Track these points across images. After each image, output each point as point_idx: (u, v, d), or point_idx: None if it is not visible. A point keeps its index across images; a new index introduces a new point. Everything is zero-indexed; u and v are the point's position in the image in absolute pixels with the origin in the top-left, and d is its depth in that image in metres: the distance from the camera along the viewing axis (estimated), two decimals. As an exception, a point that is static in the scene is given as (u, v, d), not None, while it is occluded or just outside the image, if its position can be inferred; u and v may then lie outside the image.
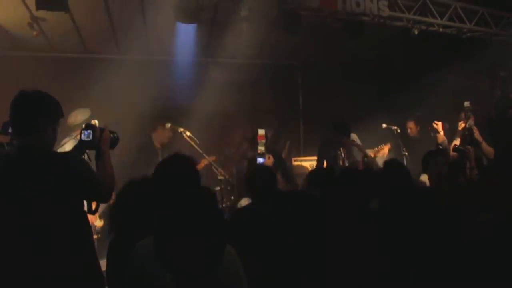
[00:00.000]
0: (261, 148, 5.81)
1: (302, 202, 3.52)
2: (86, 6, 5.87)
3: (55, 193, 2.53)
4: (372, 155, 6.78)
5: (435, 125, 6.48)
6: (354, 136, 6.92)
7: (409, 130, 7.33)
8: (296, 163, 8.15)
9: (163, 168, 2.84)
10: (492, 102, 8.12)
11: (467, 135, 5.93)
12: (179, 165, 2.81)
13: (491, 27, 7.71)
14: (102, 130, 3.07)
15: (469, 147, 5.28)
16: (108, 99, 6.80)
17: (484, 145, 6.10)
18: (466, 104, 6.26)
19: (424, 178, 5.63)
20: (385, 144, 6.96)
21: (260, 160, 5.80)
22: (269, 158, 5.67)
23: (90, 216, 2.90)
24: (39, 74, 6.71)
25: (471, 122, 6.05)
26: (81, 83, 6.96)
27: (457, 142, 6.18)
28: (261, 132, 5.99)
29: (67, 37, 6.94)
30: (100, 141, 3.00)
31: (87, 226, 2.78)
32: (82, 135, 3.02)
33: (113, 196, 2.99)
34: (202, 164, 5.41)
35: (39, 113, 2.68)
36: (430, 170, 4.92)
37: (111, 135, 3.13)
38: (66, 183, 2.56)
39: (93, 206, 2.91)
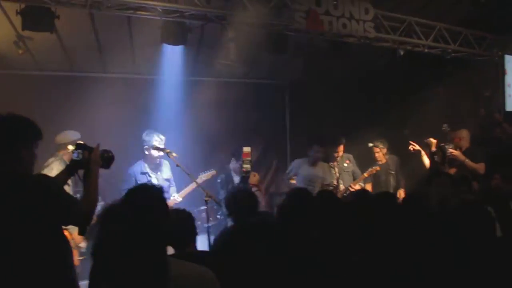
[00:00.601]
0: (246, 166, 5.80)
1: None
2: (73, 25, 5.83)
3: (24, 216, 2.50)
4: (366, 175, 6.84)
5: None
6: (350, 157, 7.01)
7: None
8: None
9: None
10: (476, 122, 8.23)
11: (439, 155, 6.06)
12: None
13: (474, 48, 7.85)
14: (91, 149, 3.01)
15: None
16: (93, 117, 6.78)
17: (468, 162, 6.19)
18: (444, 126, 6.40)
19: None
20: (375, 167, 7.02)
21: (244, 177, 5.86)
22: (254, 176, 5.67)
23: (76, 237, 2.89)
24: (24, 92, 6.69)
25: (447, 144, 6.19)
26: (67, 102, 6.94)
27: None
28: (246, 150, 5.98)
29: (53, 55, 6.89)
30: (88, 161, 2.95)
31: (63, 248, 2.74)
32: (73, 155, 3.00)
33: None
34: (189, 189, 5.40)
35: (11, 137, 2.66)
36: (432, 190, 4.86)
37: (106, 154, 3.11)
38: (37, 206, 2.53)
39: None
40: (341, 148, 6.85)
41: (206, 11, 5.67)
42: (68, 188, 4.90)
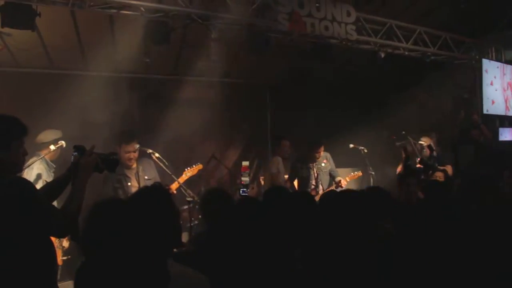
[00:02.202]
0: (245, 179, 5.86)
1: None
2: (54, 23, 5.77)
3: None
4: (348, 179, 6.90)
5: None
6: (327, 155, 7.05)
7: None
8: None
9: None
10: (455, 123, 8.41)
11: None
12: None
13: (453, 51, 7.99)
14: (81, 153, 2.82)
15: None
16: (74, 115, 6.70)
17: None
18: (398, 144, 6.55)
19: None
20: (358, 172, 7.11)
21: (243, 190, 5.91)
22: (253, 188, 5.71)
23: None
24: (2, 90, 6.58)
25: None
26: (47, 99, 6.82)
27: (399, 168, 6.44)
28: (245, 164, 6.05)
29: (33, 52, 6.79)
30: (76, 165, 2.77)
31: (44, 252, 2.59)
32: (72, 157, 2.87)
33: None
34: (173, 188, 5.33)
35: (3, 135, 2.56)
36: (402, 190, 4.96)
37: (112, 157, 2.96)
38: (11, 210, 2.39)
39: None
40: (321, 149, 6.89)
41: (189, 11, 5.67)
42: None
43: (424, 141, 6.77)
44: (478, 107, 8.20)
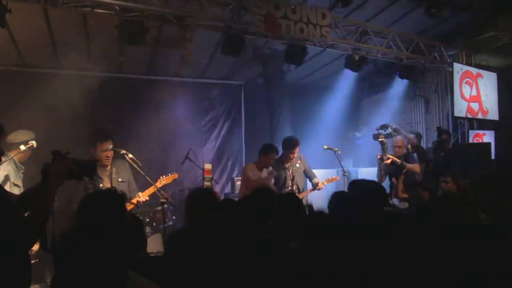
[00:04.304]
0: (207, 184, 5.77)
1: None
2: (25, 20, 5.66)
3: None
4: (326, 182, 6.94)
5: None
6: (301, 156, 7.07)
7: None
8: (238, 182, 8.16)
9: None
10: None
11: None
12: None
13: (426, 55, 8.14)
14: (55, 159, 2.61)
15: None
16: (44, 114, 6.56)
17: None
18: (381, 137, 6.69)
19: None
20: (335, 176, 7.19)
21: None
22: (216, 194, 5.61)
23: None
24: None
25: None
26: (17, 97, 6.67)
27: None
28: (208, 167, 5.94)
29: (2, 49, 6.64)
30: (46, 171, 2.56)
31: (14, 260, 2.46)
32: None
33: None
34: (148, 192, 5.28)
35: None
36: None
37: (90, 163, 2.80)
38: None
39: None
40: (296, 150, 6.91)
41: (164, 11, 5.62)
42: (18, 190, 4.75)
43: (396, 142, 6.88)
44: (449, 110, 8.39)
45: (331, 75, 8.98)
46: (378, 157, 6.64)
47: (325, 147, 7.28)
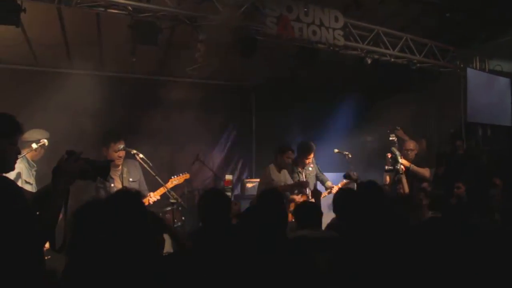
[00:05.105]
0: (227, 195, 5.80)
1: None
2: (40, 20, 5.70)
3: None
4: (340, 186, 6.91)
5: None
6: (312, 160, 7.05)
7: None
8: (248, 184, 8.16)
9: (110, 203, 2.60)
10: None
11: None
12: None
13: (439, 59, 8.07)
14: (68, 159, 2.57)
15: None
16: (57, 114, 6.60)
17: (414, 168, 6.57)
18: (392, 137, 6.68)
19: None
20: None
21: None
22: (235, 204, 5.59)
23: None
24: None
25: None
26: (31, 97, 6.71)
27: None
28: (228, 177, 5.96)
29: (17, 49, 6.69)
30: (57, 170, 2.55)
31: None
32: None
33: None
34: (160, 192, 5.30)
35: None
36: None
37: (103, 163, 2.77)
38: None
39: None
40: (311, 155, 6.88)
41: (177, 12, 5.63)
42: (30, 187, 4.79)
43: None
44: (462, 115, 8.30)
45: (342, 78, 8.93)
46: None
47: (336, 150, 7.25)
